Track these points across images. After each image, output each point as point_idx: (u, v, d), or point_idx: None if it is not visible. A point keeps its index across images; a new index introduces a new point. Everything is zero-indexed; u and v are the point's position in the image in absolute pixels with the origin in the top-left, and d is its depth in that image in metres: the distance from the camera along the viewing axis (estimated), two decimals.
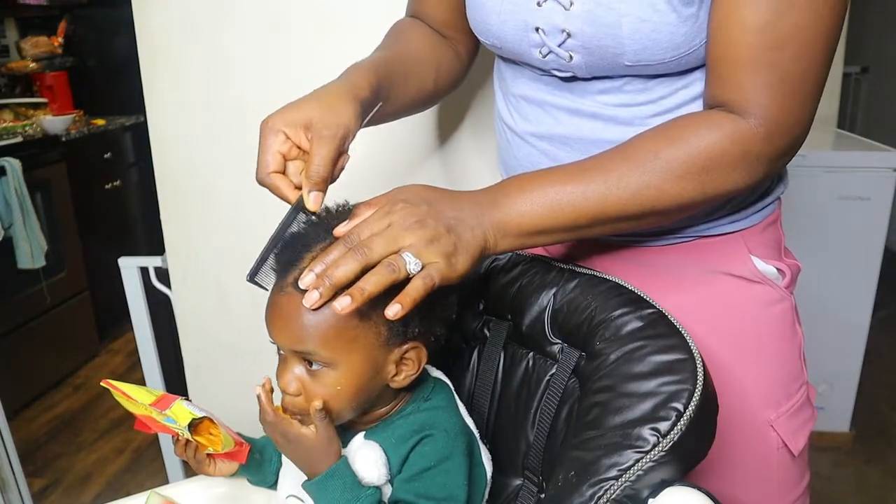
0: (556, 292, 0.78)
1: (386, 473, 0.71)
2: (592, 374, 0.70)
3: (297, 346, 0.69)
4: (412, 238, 0.63)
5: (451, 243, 0.64)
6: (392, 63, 0.83)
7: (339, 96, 0.73)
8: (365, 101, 0.75)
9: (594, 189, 0.68)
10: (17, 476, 1.69)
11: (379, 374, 0.71)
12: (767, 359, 0.83)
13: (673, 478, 0.63)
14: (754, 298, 0.82)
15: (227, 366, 1.42)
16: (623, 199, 0.68)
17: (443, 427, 0.72)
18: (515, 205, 0.68)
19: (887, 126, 3.55)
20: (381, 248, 0.62)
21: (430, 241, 0.63)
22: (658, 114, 0.74)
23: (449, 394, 0.78)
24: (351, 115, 0.72)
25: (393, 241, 0.62)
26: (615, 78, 0.75)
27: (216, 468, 0.85)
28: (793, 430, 0.83)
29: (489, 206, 0.68)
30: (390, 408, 0.76)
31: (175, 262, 1.40)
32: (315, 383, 0.70)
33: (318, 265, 0.62)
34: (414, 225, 0.63)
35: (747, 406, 0.82)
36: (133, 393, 0.78)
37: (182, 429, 0.77)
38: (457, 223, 0.66)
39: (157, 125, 1.32)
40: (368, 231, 0.63)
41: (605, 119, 0.76)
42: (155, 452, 2.16)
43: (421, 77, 0.88)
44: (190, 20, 1.26)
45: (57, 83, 3.11)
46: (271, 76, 1.26)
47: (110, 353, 3.00)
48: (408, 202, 0.65)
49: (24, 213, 2.44)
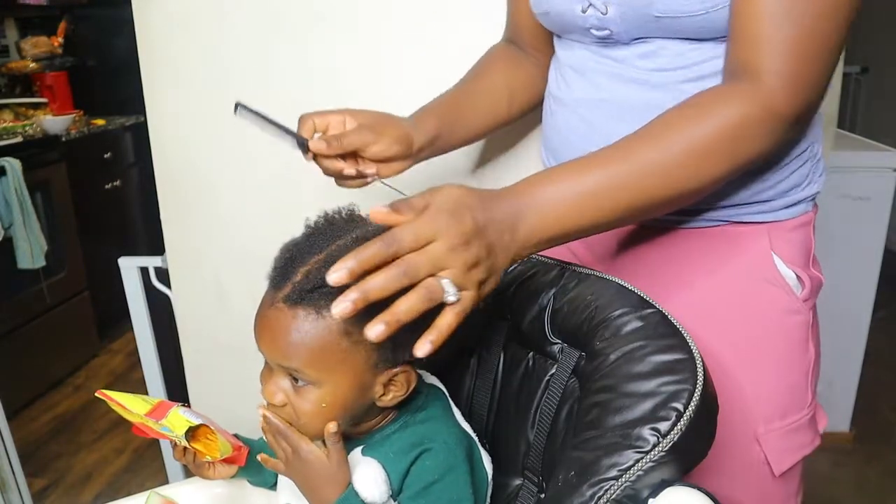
0: (556, 292, 0.78)
1: (387, 490, 0.70)
2: (592, 374, 0.70)
3: (284, 362, 0.68)
4: (455, 262, 0.59)
5: (486, 269, 0.62)
6: (459, 100, 0.95)
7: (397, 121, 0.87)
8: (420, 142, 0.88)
9: (625, 180, 0.67)
10: (17, 476, 1.69)
11: (366, 394, 0.70)
12: (768, 369, 0.82)
13: (673, 478, 0.63)
14: (767, 301, 0.81)
15: (227, 366, 1.42)
16: (656, 185, 0.67)
17: (441, 439, 0.72)
18: (547, 214, 0.66)
19: (887, 126, 3.55)
20: (424, 270, 0.58)
21: (470, 268, 0.60)
22: (690, 80, 0.75)
23: (444, 401, 0.78)
24: (400, 135, 0.85)
25: (437, 262, 0.59)
26: (651, 40, 0.76)
27: (216, 472, 0.84)
28: (780, 450, 0.81)
29: (523, 216, 0.65)
30: (379, 420, 0.75)
31: (175, 262, 1.40)
32: (300, 399, 0.68)
33: (352, 261, 0.56)
34: (459, 247, 0.60)
35: (737, 412, 0.80)
36: (128, 403, 0.77)
37: (179, 437, 0.77)
38: (496, 240, 0.63)
39: (157, 125, 1.32)
40: (412, 238, 0.58)
41: (639, 83, 0.78)
42: (155, 452, 2.16)
43: (493, 105, 0.97)
44: (190, 20, 1.26)
45: (57, 83, 3.11)
46: (271, 76, 1.26)
47: (110, 353, 2.99)
48: (453, 215, 0.60)
49: (24, 213, 2.44)
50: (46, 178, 2.66)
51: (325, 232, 0.69)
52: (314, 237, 0.69)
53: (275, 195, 1.31)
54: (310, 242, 0.68)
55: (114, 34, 3.16)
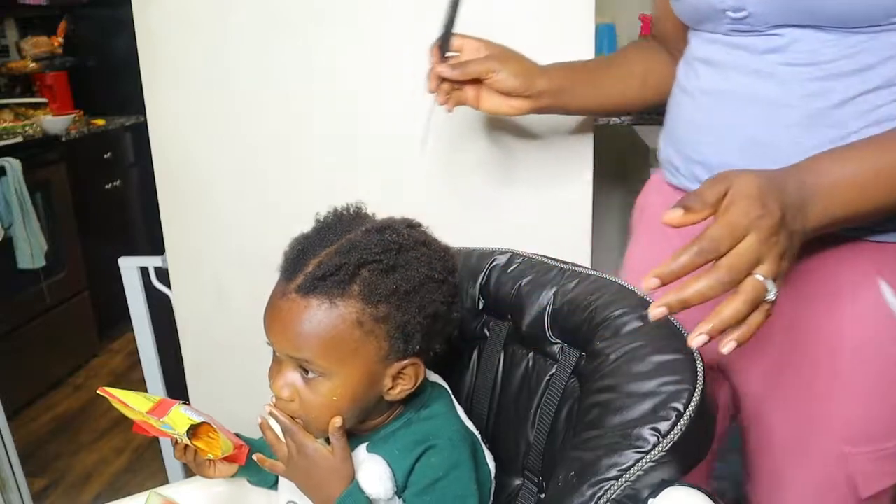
0: (556, 292, 0.78)
1: (391, 487, 0.70)
2: (592, 374, 0.70)
3: (295, 353, 0.68)
4: (769, 254, 0.57)
5: (790, 258, 0.59)
6: (593, 65, 1.02)
7: (524, 59, 0.94)
8: (543, 86, 0.93)
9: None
10: (17, 476, 1.69)
11: (375, 386, 0.70)
12: (862, 392, 0.79)
13: (673, 478, 0.63)
14: (877, 326, 0.77)
15: (227, 366, 1.42)
16: None
17: (446, 436, 0.72)
18: (833, 196, 0.65)
19: None
20: (745, 271, 0.56)
21: (780, 259, 0.58)
22: (818, 78, 0.73)
23: (448, 399, 0.78)
24: (522, 70, 0.92)
25: (753, 259, 0.56)
26: (784, 32, 0.74)
27: (216, 470, 0.84)
28: (869, 473, 0.80)
29: (809, 198, 0.63)
30: (386, 416, 0.75)
31: (175, 262, 1.40)
32: (309, 392, 0.69)
33: (674, 265, 0.55)
34: (771, 238, 0.57)
35: (824, 428, 0.80)
36: (129, 400, 0.77)
37: (181, 435, 0.77)
38: (793, 226, 0.60)
39: (157, 125, 1.32)
40: (729, 238, 0.56)
41: (766, 76, 0.76)
42: (155, 452, 2.15)
43: (626, 79, 1.01)
44: (190, 20, 1.26)
45: (57, 83, 3.11)
46: (271, 76, 1.26)
47: (110, 353, 2.99)
48: (762, 204, 0.57)
49: (24, 214, 2.43)
50: (46, 178, 2.66)
51: (334, 226, 0.70)
52: (324, 231, 0.70)
53: (275, 195, 1.31)
54: (320, 236, 0.69)
55: (114, 34, 3.16)
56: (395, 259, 0.67)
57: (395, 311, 0.67)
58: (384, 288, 0.66)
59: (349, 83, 1.24)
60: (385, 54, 1.22)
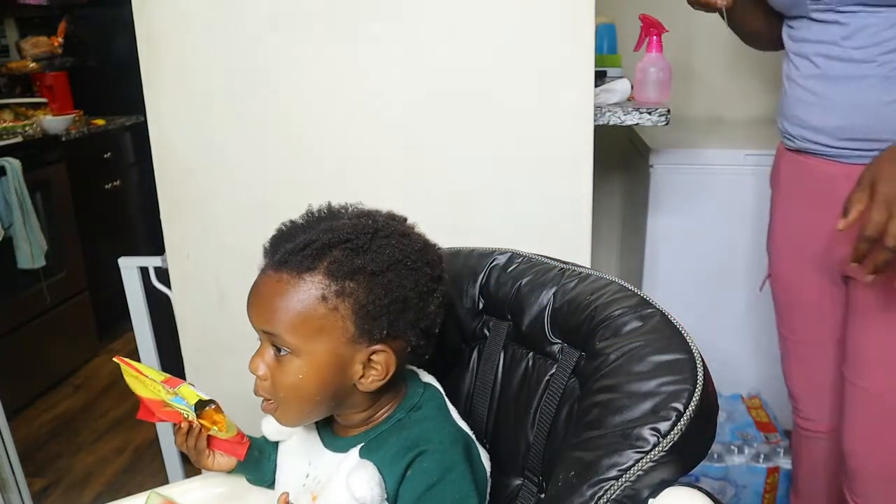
0: (556, 291, 0.78)
1: (380, 493, 0.70)
2: (592, 374, 0.70)
3: (265, 326, 0.70)
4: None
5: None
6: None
7: None
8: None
9: None
10: (17, 476, 1.69)
11: (344, 372, 0.71)
12: None
13: (673, 478, 0.63)
14: None
15: (227, 366, 1.42)
16: None
17: (437, 440, 0.72)
18: None
19: None
20: None
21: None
22: (888, 51, 1.03)
23: (440, 401, 0.78)
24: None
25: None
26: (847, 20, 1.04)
27: (215, 462, 0.85)
28: None
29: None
30: (373, 412, 0.75)
31: (175, 262, 1.40)
32: (280, 370, 0.70)
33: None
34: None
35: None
36: (145, 370, 0.79)
37: (189, 409, 0.77)
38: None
39: (157, 125, 1.32)
40: (886, 213, 0.90)
41: (846, 60, 1.07)
42: (155, 452, 2.15)
43: (770, 22, 1.24)
44: (190, 20, 1.26)
45: (57, 83, 3.11)
46: (271, 76, 1.26)
47: (110, 353, 2.99)
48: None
49: (24, 214, 2.43)
50: (46, 178, 2.66)
51: (325, 218, 0.73)
52: (313, 220, 0.73)
53: (275, 195, 1.31)
54: (308, 223, 0.72)
55: (114, 34, 3.16)
56: (368, 242, 0.69)
57: (360, 289, 0.68)
58: (350, 266, 0.68)
59: (349, 83, 1.24)
60: (385, 55, 1.22)
